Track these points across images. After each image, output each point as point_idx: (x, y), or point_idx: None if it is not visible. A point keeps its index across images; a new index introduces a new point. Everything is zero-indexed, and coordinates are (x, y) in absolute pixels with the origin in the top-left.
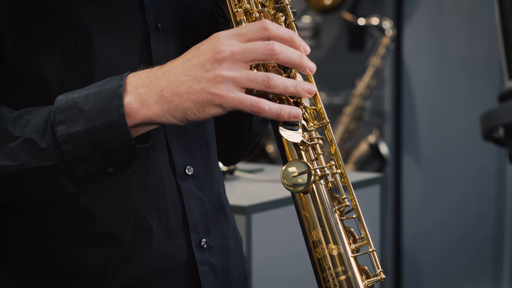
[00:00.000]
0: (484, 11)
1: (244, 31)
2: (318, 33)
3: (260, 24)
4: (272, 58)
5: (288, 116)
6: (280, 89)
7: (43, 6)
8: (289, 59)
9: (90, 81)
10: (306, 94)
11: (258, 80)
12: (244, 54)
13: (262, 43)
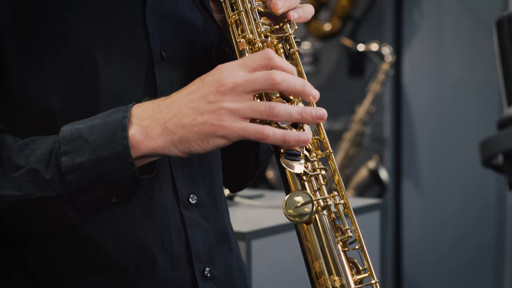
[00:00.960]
0: (483, 37)
1: (248, 61)
2: (318, 59)
3: (264, 53)
4: (274, 87)
5: (296, 141)
6: (284, 117)
7: (48, 33)
8: (291, 87)
9: (95, 108)
10: (316, 120)
11: (261, 110)
12: (246, 85)
13: (264, 73)
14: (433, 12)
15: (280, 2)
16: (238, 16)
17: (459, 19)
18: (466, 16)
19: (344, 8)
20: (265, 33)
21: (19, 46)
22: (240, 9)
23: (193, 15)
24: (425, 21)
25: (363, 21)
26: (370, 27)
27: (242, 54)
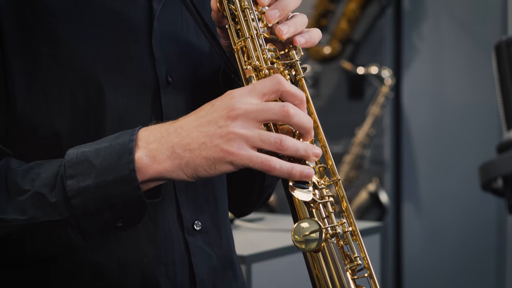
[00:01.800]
0: (482, 60)
1: (258, 87)
2: (318, 82)
3: (273, 79)
4: (285, 120)
5: (300, 175)
6: (291, 152)
7: (55, 59)
8: (300, 123)
9: (100, 133)
10: (314, 158)
11: (271, 141)
12: (258, 113)
13: (277, 104)
14: (433, 35)
15: (285, 27)
16: (244, 43)
17: (459, 42)
18: (466, 39)
19: (343, 31)
20: (271, 60)
21: (26, 71)
22: (246, 36)
23: (199, 40)
24: (425, 44)
25: (362, 44)
26: (369, 50)
27: (249, 82)
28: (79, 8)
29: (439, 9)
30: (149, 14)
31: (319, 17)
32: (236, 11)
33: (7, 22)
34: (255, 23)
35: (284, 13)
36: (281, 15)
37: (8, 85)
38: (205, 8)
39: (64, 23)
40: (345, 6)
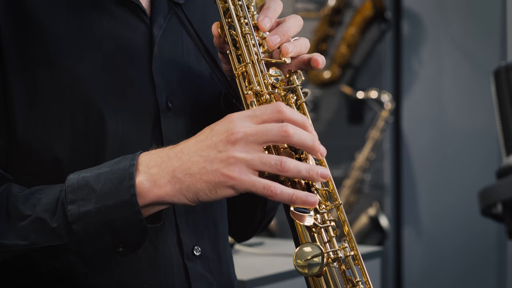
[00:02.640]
0: (482, 85)
1: (258, 113)
2: (317, 106)
3: (274, 106)
4: (285, 140)
5: (302, 202)
6: (293, 173)
7: (54, 84)
8: (302, 141)
9: (101, 159)
10: (320, 178)
11: (271, 163)
12: (258, 136)
13: (276, 125)
14: (432, 59)
15: (291, 46)
16: (245, 68)
17: (458, 67)
18: (465, 64)
19: (343, 56)
20: (272, 85)
21: (26, 96)
22: (246, 61)
23: (199, 65)
24: (424, 68)
25: (362, 68)
26: (369, 74)
27: (250, 107)
28: (80, 33)
29: (439, 34)
30: (150, 40)
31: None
32: (237, 37)
33: (8, 46)
34: (256, 49)
35: (285, 38)
36: (282, 40)
37: (9, 110)
38: (206, 33)
39: (64, 48)
40: (345, 30)
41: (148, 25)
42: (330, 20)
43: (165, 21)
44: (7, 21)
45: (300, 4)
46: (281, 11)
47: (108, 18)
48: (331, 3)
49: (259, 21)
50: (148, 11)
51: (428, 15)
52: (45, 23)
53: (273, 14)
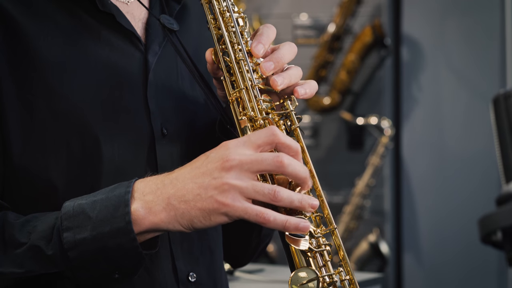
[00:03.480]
0: (481, 111)
1: (253, 139)
2: (317, 133)
3: (268, 130)
4: (280, 170)
5: (295, 228)
6: (285, 203)
7: (50, 111)
8: (295, 173)
9: (96, 185)
10: (310, 209)
11: (264, 193)
12: (252, 164)
13: (271, 155)
14: (432, 86)
15: (280, 78)
16: (239, 94)
17: (458, 93)
18: (465, 90)
19: (343, 82)
20: (266, 110)
21: (22, 123)
22: (241, 87)
23: (194, 92)
24: (424, 94)
25: (362, 95)
26: (369, 100)
27: (244, 132)
28: (75, 60)
29: (438, 60)
30: (144, 66)
31: (319, 68)
32: (231, 63)
33: (3, 74)
34: (249, 75)
35: (279, 65)
36: (276, 67)
37: (5, 137)
38: (201, 59)
39: (59, 75)
40: (345, 57)
41: (143, 52)
42: (330, 46)
43: (160, 48)
44: (2, 49)
45: (300, 31)
46: (274, 37)
47: (103, 45)
48: (331, 30)
49: (252, 47)
50: (143, 38)
51: (427, 42)
52: (41, 51)
53: (267, 40)
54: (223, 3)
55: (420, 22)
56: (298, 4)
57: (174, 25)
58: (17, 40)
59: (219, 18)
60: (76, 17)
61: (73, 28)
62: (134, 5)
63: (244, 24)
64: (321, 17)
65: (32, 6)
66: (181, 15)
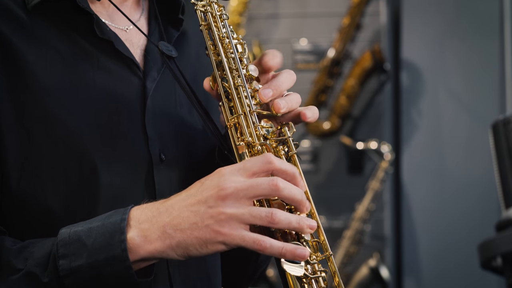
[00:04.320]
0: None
1: (248, 166)
2: (317, 157)
3: (264, 158)
4: (275, 194)
5: (292, 255)
6: (283, 225)
7: (49, 136)
8: (291, 196)
9: (94, 210)
10: (308, 230)
11: (262, 216)
12: (248, 191)
13: (266, 179)
14: (431, 110)
15: (282, 102)
16: (237, 120)
17: (457, 118)
18: (464, 115)
19: (342, 107)
20: (264, 136)
21: (20, 149)
22: (239, 113)
23: (192, 118)
24: (423, 119)
25: (362, 119)
26: (369, 125)
27: (242, 158)
28: (73, 87)
29: (438, 85)
30: (143, 93)
31: (318, 92)
32: (229, 89)
33: (2, 100)
34: (248, 100)
35: (278, 92)
36: (275, 94)
37: (2, 162)
38: (199, 85)
39: (58, 102)
40: (344, 82)
41: (141, 79)
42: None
43: (158, 74)
44: (1, 75)
45: (300, 56)
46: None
47: (102, 72)
48: (331, 55)
49: (262, 93)
50: (142, 65)
51: (427, 67)
52: (40, 77)
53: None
54: (223, 29)
55: (420, 47)
56: (298, 29)
57: (173, 52)
58: (16, 66)
59: (218, 44)
60: (75, 44)
61: (72, 55)
62: (133, 32)
63: (243, 50)
64: (320, 42)
65: (32, 32)
66: (179, 42)
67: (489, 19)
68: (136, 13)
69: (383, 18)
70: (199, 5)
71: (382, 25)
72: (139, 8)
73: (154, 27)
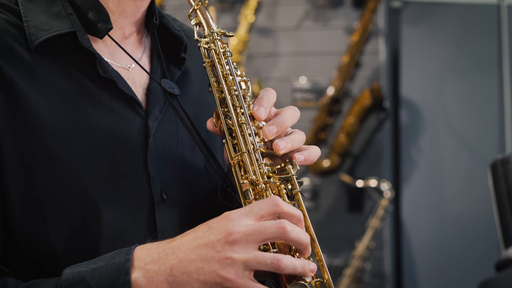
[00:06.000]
0: (481, 174)
1: (256, 210)
2: (317, 195)
3: (271, 201)
4: (283, 237)
5: None
6: (289, 270)
7: (51, 176)
8: (298, 239)
9: (96, 250)
10: (311, 274)
11: (267, 263)
12: (256, 235)
13: (273, 222)
14: (431, 148)
15: (282, 143)
16: (240, 157)
17: (457, 156)
18: (464, 153)
19: (342, 145)
20: (268, 174)
21: (23, 189)
22: (242, 150)
23: (194, 156)
24: (423, 157)
25: (361, 157)
26: (368, 163)
27: (245, 196)
28: (75, 126)
29: (437, 123)
30: (145, 132)
31: (318, 130)
32: (233, 126)
33: (5, 140)
34: (251, 138)
35: (282, 129)
36: (279, 131)
37: (5, 202)
38: (202, 123)
39: (60, 141)
40: (344, 120)
41: (143, 118)
42: (329, 109)
43: (160, 113)
44: (3, 115)
45: (299, 94)
46: (275, 100)
47: (104, 111)
48: (330, 93)
49: (254, 110)
50: (144, 104)
51: (426, 104)
52: (42, 116)
53: (268, 103)
54: (226, 66)
55: (419, 85)
56: (297, 67)
57: (175, 90)
58: (19, 106)
59: (222, 81)
60: (78, 83)
61: (74, 94)
62: (135, 70)
63: (247, 87)
64: (320, 80)
65: (34, 72)
66: (181, 80)
67: (487, 57)
68: (138, 51)
69: (382, 56)
70: (203, 42)
71: (381, 63)
72: (141, 46)
73: (157, 65)
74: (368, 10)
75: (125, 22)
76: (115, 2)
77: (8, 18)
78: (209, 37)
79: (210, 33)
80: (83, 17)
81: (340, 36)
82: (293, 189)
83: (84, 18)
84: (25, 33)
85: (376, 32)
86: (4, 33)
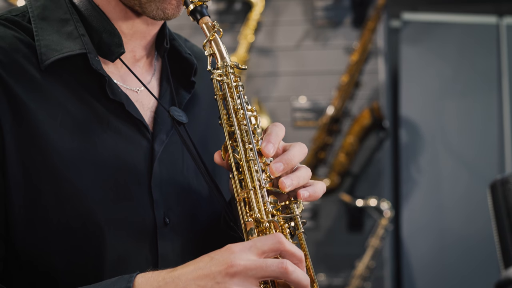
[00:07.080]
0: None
1: (258, 245)
2: (317, 215)
3: (274, 238)
4: (283, 276)
5: None
6: None
7: (56, 197)
8: (298, 281)
9: (97, 272)
10: None
11: None
12: (257, 271)
13: (276, 261)
14: (431, 168)
15: (288, 181)
16: (246, 195)
17: (457, 175)
18: (464, 172)
19: (342, 164)
20: (272, 212)
21: (27, 207)
22: (249, 187)
23: (199, 182)
24: (423, 176)
25: (361, 176)
26: (368, 182)
27: (249, 234)
28: (83, 148)
29: (436, 142)
30: (150, 156)
31: (318, 150)
32: (240, 161)
33: (11, 160)
34: (258, 175)
35: (289, 166)
36: (285, 168)
37: (9, 219)
38: (207, 149)
39: (66, 162)
40: (343, 139)
41: (149, 141)
42: (329, 129)
43: (167, 137)
44: (12, 136)
45: (299, 113)
46: (283, 135)
47: (111, 133)
48: (330, 112)
49: (262, 147)
50: (151, 127)
51: (426, 124)
52: (50, 137)
53: (276, 139)
54: (238, 100)
55: (418, 105)
56: (297, 87)
57: (183, 118)
58: (27, 125)
59: (232, 115)
60: (86, 105)
61: (83, 115)
62: (144, 93)
63: (257, 123)
64: (319, 100)
65: (44, 92)
66: (190, 104)
67: (487, 76)
68: (148, 74)
69: (381, 76)
70: (216, 74)
71: (381, 82)
72: (151, 68)
73: (166, 88)
74: (367, 30)
75: (136, 44)
76: (128, 25)
77: (20, 36)
78: (222, 69)
79: (224, 65)
80: (96, 39)
81: (340, 55)
82: (296, 228)
83: (97, 39)
84: (36, 52)
85: (375, 51)
86: (15, 51)
